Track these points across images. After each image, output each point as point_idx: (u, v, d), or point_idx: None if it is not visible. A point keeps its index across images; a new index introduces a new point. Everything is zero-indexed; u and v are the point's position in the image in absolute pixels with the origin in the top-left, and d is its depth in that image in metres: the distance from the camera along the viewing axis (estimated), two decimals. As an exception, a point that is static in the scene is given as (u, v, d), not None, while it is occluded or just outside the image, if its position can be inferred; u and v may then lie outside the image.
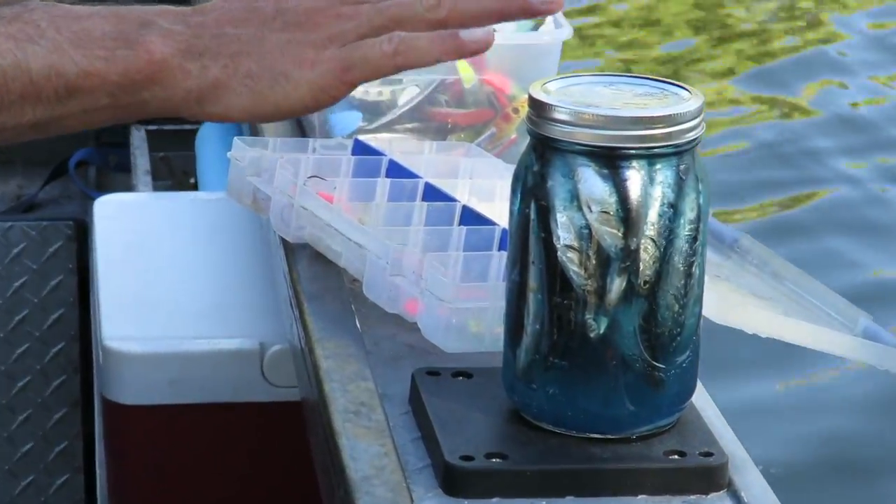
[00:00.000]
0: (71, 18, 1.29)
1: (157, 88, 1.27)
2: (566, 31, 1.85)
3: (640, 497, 1.32)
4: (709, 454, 1.34)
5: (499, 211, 1.50)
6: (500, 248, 1.49)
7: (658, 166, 1.30)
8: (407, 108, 1.84)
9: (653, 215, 1.29)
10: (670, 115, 1.30)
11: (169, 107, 1.29)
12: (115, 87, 1.27)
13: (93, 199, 2.14)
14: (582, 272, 1.31)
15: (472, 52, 1.32)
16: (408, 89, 1.84)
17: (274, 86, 1.26)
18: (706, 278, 1.36)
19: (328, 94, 1.29)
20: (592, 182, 1.30)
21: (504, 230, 1.43)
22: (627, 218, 1.29)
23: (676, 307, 1.33)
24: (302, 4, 1.26)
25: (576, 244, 1.30)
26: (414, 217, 1.59)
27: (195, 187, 2.37)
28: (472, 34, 1.27)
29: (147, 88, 1.27)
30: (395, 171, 1.69)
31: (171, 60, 1.25)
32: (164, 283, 1.95)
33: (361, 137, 1.78)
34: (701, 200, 1.32)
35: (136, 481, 1.93)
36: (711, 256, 1.40)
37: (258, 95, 1.27)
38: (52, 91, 1.27)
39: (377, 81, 1.82)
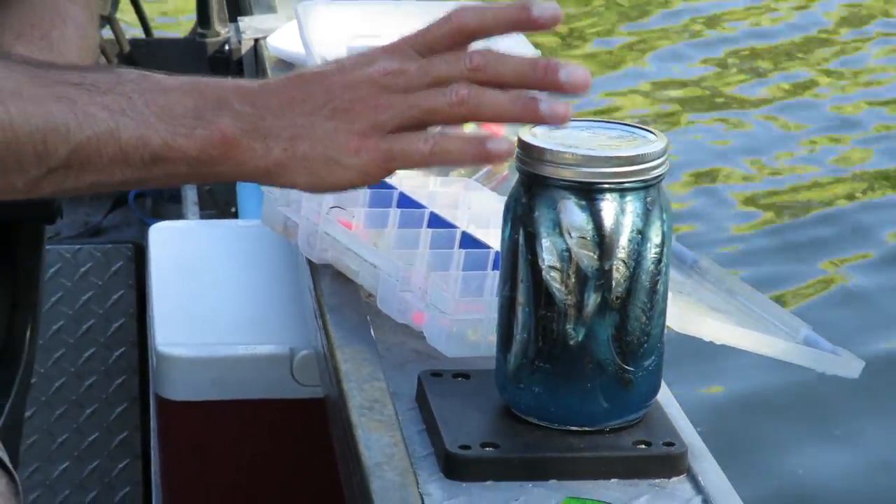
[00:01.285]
0: (158, 92, 1.28)
1: (230, 163, 1.27)
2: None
3: (612, 480, 1.32)
4: (671, 444, 1.35)
5: (493, 236, 1.49)
6: (493, 268, 1.49)
7: (628, 198, 1.30)
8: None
9: (624, 240, 1.30)
10: (639, 155, 1.30)
11: (240, 177, 1.31)
12: (193, 160, 1.26)
13: (148, 225, 2.14)
14: (563, 289, 1.31)
15: (496, 159, 1.30)
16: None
17: (326, 168, 1.26)
18: (669, 294, 1.36)
19: (372, 178, 1.29)
20: (572, 212, 1.30)
21: (497, 253, 1.43)
22: (602, 243, 1.29)
23: (644, 319, 1.33)
24: (346, 94, 1.25)
25: (558, 265, 1.30)
26: (420, 241, 1.58)
27: (235, 216, 2.37)
28: (497, 144, 1.25)
29: (220, 163, 1.27)
30: (405, 202, 1.68)
31: (240, 141, 1.25)
32: (208, 297, 1.95)
33: (377, 174, 1.78)
34: (665, 227, 1.32)
35: (183, 466, 1.93)
36: (674, 275, 1.39)
37: (314, 175, 1.27)
38: (138, 158, 1.26)
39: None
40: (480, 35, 1.27)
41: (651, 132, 1.34)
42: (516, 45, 1.98)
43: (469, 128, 1.82)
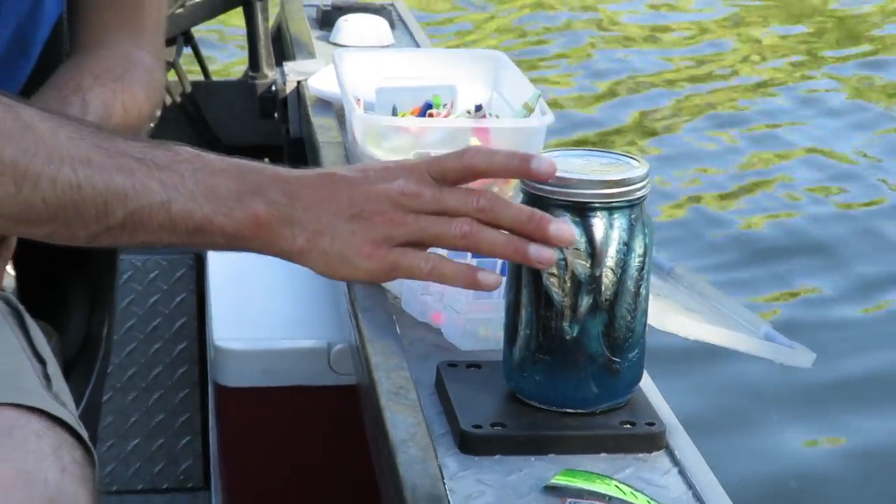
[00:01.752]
0: (207, 173, 1.29)
1: (259, 242, 1.29)
2: (549, 118, 1.84)
3: (601, 455, 1.32)
4: (651, 424, 1.35)
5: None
6: (503, 272, 1.49)
7: (616, 216, 1.30)
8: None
9: (612, 251, 1.30)
10: (624, 179, 1.31)
11: (267, 254, 1.32)
12: (229, 236, 1.28)
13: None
14: (560, 292, 1.31)
15: (483, 288, 1.36)
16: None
17: (340, 264, 1.29)
18: (650, 296, 1.36)
19: (376, 280, 1.37)
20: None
21: (503, 263, 1.43)
22: (593, 253, 1.30)
23: (629, 317, 1.33)
24: (367, 204, 1.27)
25: (556, 272, 1.31)
26: (438, 252, 1.58)
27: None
28: (485, 277, 1.32)
29: (252, 241, 1.29)
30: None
31: (271, 225, 1.27)
32: (258, 299, 1.95)
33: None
34: (647, 240, 1.33)
35: (236, 442, 1.94)
36: (654, 280, 1.39)
37: (328, 267, 1.31)
38: (183, 228, 1.27)
39: (415, 154, 1.83)
40: (487, 175, 1.35)
41: (635, 159, 1.34)
42: (517, 81, 1.98)
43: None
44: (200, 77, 2.82)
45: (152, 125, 1.57)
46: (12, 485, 1.26)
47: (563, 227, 1.28)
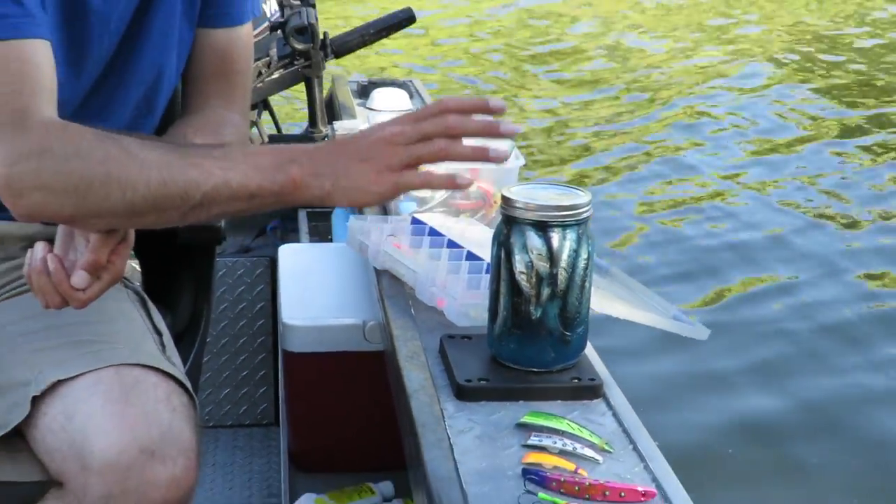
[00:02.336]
0: (252, 155, 1.29)
1: (299, 195, 1.27)
2: (521, 162, 1.85)
3: (557, 401, 1.33)
4: (593, 379, 1.36)
5: (485, 254, 1.50)
6: (485, 273, 1.49)
7: (567, 231, 1.31)
8: (439, 201, 1.84)
9: (565, 256, 1.31)
10: (573, 205, 1.32)
11: (307, 203, 1.29)
12: (276, 195, 1.26)
13: (278, 246, 2.15)
14: (528, 285, 1.32)
15: (462, 187, 1.35)
16: (440, 190, 1.84)
17: (357, 194, 1.26)
18: (593, 288, 1.36)
19: (386, 199, 1.36)
20: (533, 239, 1.31)
21: (488, 263, 1.43)
22: (551, 257, 1.30)
23: (577, 303, 1.34)
24: (370, 150, 1.26)
25: (525, 271, 1.31)
26: (441, 256, 1.58)
27: (331, 241, 2.37)
28: (462, 179, 1.29)
29: (293, 196, 1.26)
30: (433, 233, 1.68)
31: (304, 180, 1.25)
32: (313, 289, 1.94)
33: (416, 215, 1.77)
34: (590, 248, 1.34)
35: (297, 391, 1.94)
36: (595, 277, 1.39)
37: (351, 199, 1.27)
38: (244, 196, 1.26)
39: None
40: (458, 111, 1.28)
41: (581, 190, 1.35)
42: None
43: (472, 187, 1.83)
44: (274, 131, 2.82)
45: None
46: (137, 421, 1.26)
47: (510, 125, 1.30)
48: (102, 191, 1.26)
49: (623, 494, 1.15)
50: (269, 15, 2.39)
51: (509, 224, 1.33)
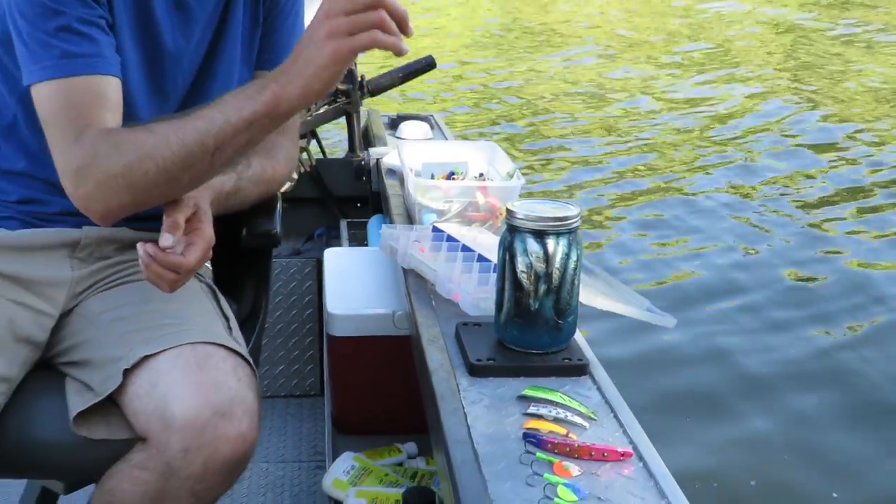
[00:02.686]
0: (240, 91, 1.28)
1: (285, 104, 1.24)
2: (522, 181, 1.85)
3: (551, 378, 1.33)
4: (581, 360, 1.35)
5: (493, 256, 1.49)
6: (493, 272, 1.49)
7: (561, 237, 1.31)
8: (455, 213, 1.84)
9: (558, 258, 1.30)
10: (565, 217, 1.31)
11: (297, 103, 1.25)
12: (268, 115, 1.26)
13: (323, 250, 2.15)
14: (528, 282, 1.31)
15: (402, 53, 1.22)
16: (456, 204, 1.84)
17: (323, 71, 1.21)
18: (581, 284, 1.36)
19: (347, 60, 1.22)
20: (532, 244, 1.30)
21: (495, 264, 1.43)
22: (547, 259, 1.30)
23: (568, 297, 1.34)
24: (313, 28, 1.21)
25: (525, 270, 1.31)
26: (457, 258, 1.58)
27: (366, 245, 2.38)
28: (403, 45, 1.21)
29: (281, 107, 1.25)
30: (450, 239, 1.68)
31: (282, 91, 1.23)
32: (351, 285, 1.94)
33: (436, 224, 1.77)
34: (579, 252, 1.34)
35: (339, 367, 1.93)
36: (583, 276, 1.39)
37: (322, 80, 1.23)
38: (243, 127, 1.25)
39: (443, 200, 1.84)
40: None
41: (572, 204, 1.35)
42: (503, 159, 1.99)
43: (482, 201, 1.83)
44: (321, 155, 2.82)
45: (290, 184, 1.56)
46: (209, 388, 1.26)
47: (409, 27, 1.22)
48: (141, 169, 1.26)
49: (606, 454, 1.14)
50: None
51: (512, 232, 1.33)
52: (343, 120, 2.72)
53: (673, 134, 6.42)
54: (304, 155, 2.69)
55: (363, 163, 2.57)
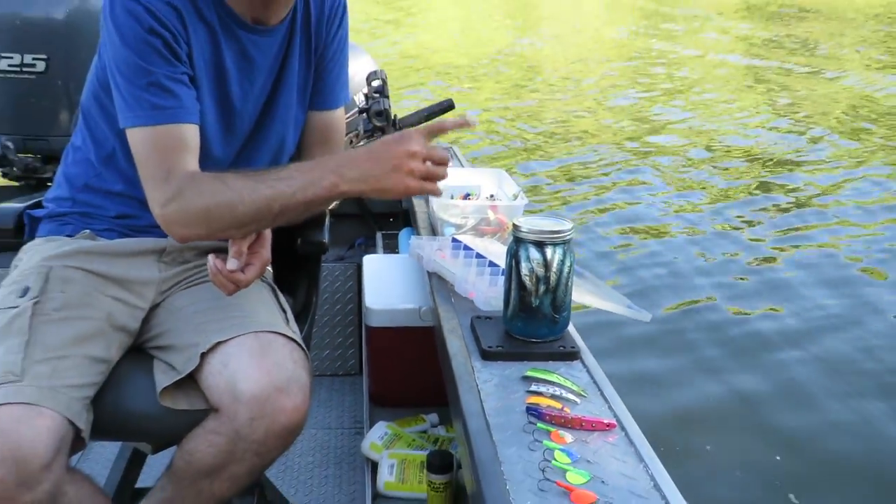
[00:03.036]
0: (307, 171, 1.27)
1: (342, 196, 1.26)
2: (525, 201, 1.84)
3: (549, 362, 1.32)
4: (573, 347, 1.34)
5: (502, 262, 1.49)
6: (501, 275, 1.48)
7: (557, 247, 1.30)
8: (470, 227, 1.83)
9: (555, 263, 1.30)
10: (561, 230, 1.30)
11: (350, 197, 1.27)
12: (326, 199, 1.27)
13: (363, 256, 2.15)
14: (530, 283, 1.31)
15: (438, 194, 1.29)
16: (471, 219, 1.84)
17: (388, 193, 1.25)
18: (573, 285, 1.35)
19: (403, 196, 1.27)
20: (534, 253, 1.30)
21: (503, 269, 1.43)
22: (546, 265, 1.29)
23: (563, 296, 1.33)
24: (395, 158, 1.23)
25: (528, 274, 1.30)
26: (472, 264, 1.58)
27: (398, 252, 2.37)
28: (439, 189, 1.27)
29: (339, 197, 1.26)
30: (466, 248, 1.68)
31: (345, 186, 1.24)
32: (385, 284, 1.94)
33: (455, 236, 1.77)
34: (572, 258, 1.34)
35: (375, 351, 1.93)
36: (575, 278, 1.38)
37: (382, 196, 1.25)
38: (303, 205, 1.27)
39: (461, 216, 1.84)
40: (442, 129, 1.28)
41: (566, 220, 1.35)
42: (510, 183, 1.99)
43: (492, 216, 1.82)
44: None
45: (336, 203, 1.56)
46: (270, 368, 1.26)
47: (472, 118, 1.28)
48: (216, 215, 1.27)
49: (594, 425, 1.14)
50: (358, 103, 2.39)
51: (518, 243, 1.32)
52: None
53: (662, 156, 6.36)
54: None
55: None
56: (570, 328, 1.39)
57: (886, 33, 12.16)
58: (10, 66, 2.04)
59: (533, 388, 1.22)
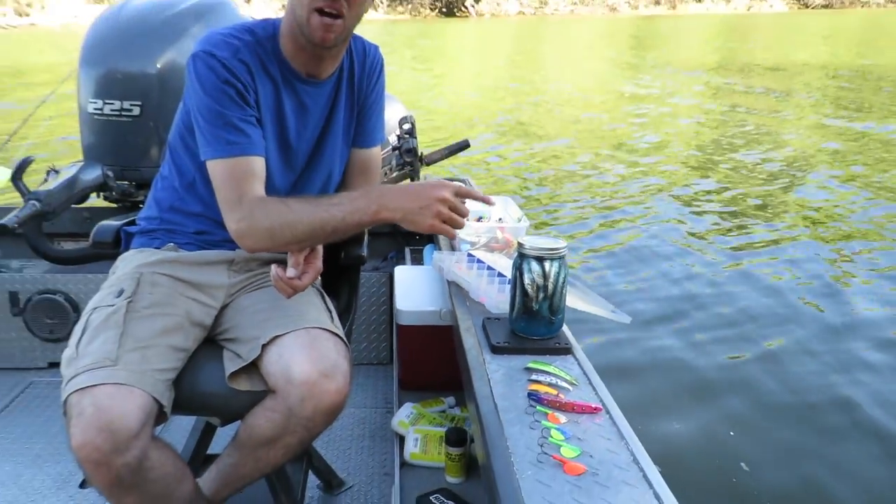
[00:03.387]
0: (355, 199, 1.27)
1: (382, 221, 1.25)
2: (527, 223, 1.83)
3: (546, 356, 1.30)
4: (567, 344, 1.33)
5: (508, 273, 1.48)
6: (508, 284, 1.47)
7: (554, 261, 1.29)
8: (483, 244, 1.82)
9: (552, 275, 1.28)
10: (557, 247, 1.29)
11: (387, 223, 1.27)
12: (370, 223, 1.26)
13: (394, 267, 2.13)
14: (532, 291, 1.29)
15: (453, 238, 1.30)
16: (483, 238, 1.83)
17: (417, 226, 1.23)
18: (567, 292, 1.34)
19: (430, 232, 1.26)
20: (535, 266, 1.29)
21: (510, 279, 1.42)
22: (544, 276, 1.28)
23: (559, 301, 1.32)
24: (428, 200, 1.23)
25: (530, 283, 1.29)
26: (484, 274, 1.57)
27: (423, 264, 2.36)
28: (454, 234, 1.26)
29: (379, 221, 1.25)
30: (479, 262, 1.67)
31: (386, 213, 1.24)
32: (413, 291, 1.93)
33: (469, 252, 1.76)
34: (566, 271, 1.31)
35: (404, 344, 1.91)
36: (569, 286, 1.37)
37: (411, 227, 1.24)
38: (353, 227, 1.26)
39: (474, 235, 1.83)
40: (469, 196, 1.26)
41: (562, 239, 1.34)
42: (514, 209, 1.98)
43: (500, 236, 1.80)
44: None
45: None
46: (318, 357, 1.26)
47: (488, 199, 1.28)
48: (280, 232, 1.27)
49: (584, 409, 1.13)
50: (391, 142, 2.40)
51: (521, 258, 1.31)
52: (408, 181, 2.72)
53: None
54: None
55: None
56: (565, 328, 1.38)
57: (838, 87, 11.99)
58: (112, 110, 2.07)
59: (533, 377, 1.21)
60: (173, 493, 1.25)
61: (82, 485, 1.82)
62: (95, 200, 2.24)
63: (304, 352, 1.26)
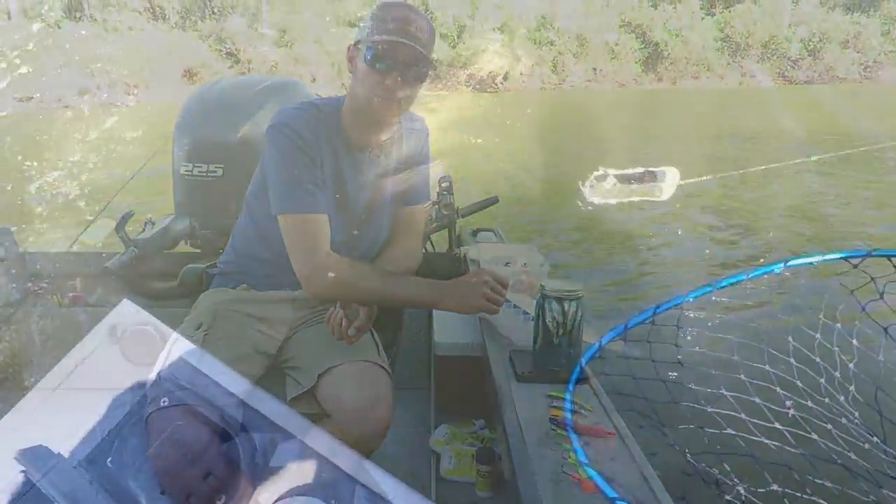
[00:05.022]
0: (421, 286, 1.30)
1: (439, 306, 1.30)
2: (548, 268, 1.81)
3: (565, 384, 1.26)
4: (585, 373, 1.29)
5: (532, 311, 1.45)
6: (532, 320, 1.43)
7: (572, 302, 1.26)
8: (510, 286, 1.81)
9: (570, 314, 1.26)
10: (574, 290, 1.27)
11: (444, 309, 1.30)
12: (429, 307, 1.32)
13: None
14: (553, 328, 1.27)
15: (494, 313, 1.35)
16: (510, 282, 1.80)
17: (467, 309, 1.29)
18: (581, 327, 1.32)
19: (477, 312, 1.33)
20: (555, 306, 1.26)
21: (533, 316, 1.39)
22: (564, 315, 1.26)
23: (576, 336, 1.29)
24: (474, 288, 1.27)
25: (551, 321, 1.27)
26: (511, 312, 1.54)
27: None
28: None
29: (437, 306, 1.30)
30: (506, 301, 1.62)
31: (443, 301, 1.28)
32: (448, 325, 1.89)
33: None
34: (583, 310, 1.28)
35: (441, 370, 1.89)
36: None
37: (463, 311, 1.30)
38: (417, 305, 1.32)
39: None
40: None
41: (577, 283, 1.31)
42: (536, 254, 1.96)
43: (525, 279, 1.78)
44: (433, 250, 2.80)
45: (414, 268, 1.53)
46: (367, 386, 1.26)
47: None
48: (346, 291, 1.29)
49: (598, 433, 1.10)
50: (431, 198, 2.42)
51: (543, 298, 1.29)
52: (446, 231, 2.72)
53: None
54: (424, 250, 2.67)
55: (457, 255, 2.55)
56: (582, 360, 1.35)
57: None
58: (198, 172, 2.13)
59: (554, 403, 1.19)
60: None
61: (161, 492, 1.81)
62: (183, 247, 2.29)
63: (354, 382, 1.26)
